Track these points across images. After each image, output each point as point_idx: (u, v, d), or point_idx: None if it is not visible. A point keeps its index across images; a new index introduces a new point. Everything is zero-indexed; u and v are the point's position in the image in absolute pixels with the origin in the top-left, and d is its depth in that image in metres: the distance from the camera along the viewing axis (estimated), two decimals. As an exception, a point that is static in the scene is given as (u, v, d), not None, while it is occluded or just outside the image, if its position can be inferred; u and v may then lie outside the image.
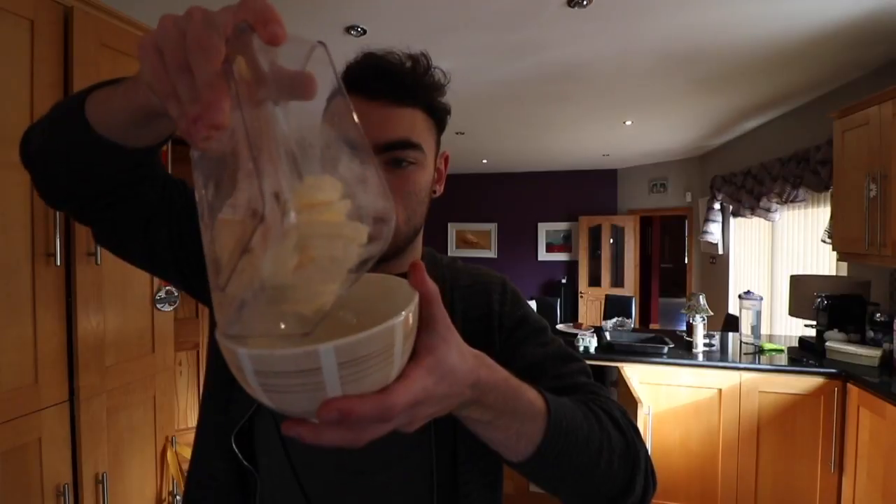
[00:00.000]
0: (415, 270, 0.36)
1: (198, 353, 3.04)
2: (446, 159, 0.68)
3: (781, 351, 2.51)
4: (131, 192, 0.55)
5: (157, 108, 0.37)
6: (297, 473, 0.59)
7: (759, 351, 2.51)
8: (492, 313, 0.65)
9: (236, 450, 0.58)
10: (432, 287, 0.36)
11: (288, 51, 0.32)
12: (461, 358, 0.37)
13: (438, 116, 0.63)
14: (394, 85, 0.55)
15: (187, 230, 0.59)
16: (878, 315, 2.34)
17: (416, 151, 0.57)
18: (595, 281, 6.75)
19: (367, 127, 0.53)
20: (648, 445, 2.39)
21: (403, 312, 0.32)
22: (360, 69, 0.57)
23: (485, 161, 6.29)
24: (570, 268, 7.02)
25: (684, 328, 2.80)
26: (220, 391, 0.62)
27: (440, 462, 0.59)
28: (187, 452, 1.99)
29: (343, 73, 0.57)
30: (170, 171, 1.70)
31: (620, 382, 2.34)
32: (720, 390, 2.33)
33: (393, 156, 0.56)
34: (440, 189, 0.67)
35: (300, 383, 0.30)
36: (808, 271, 3.53)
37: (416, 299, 0.35)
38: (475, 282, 0.68)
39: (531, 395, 0.43)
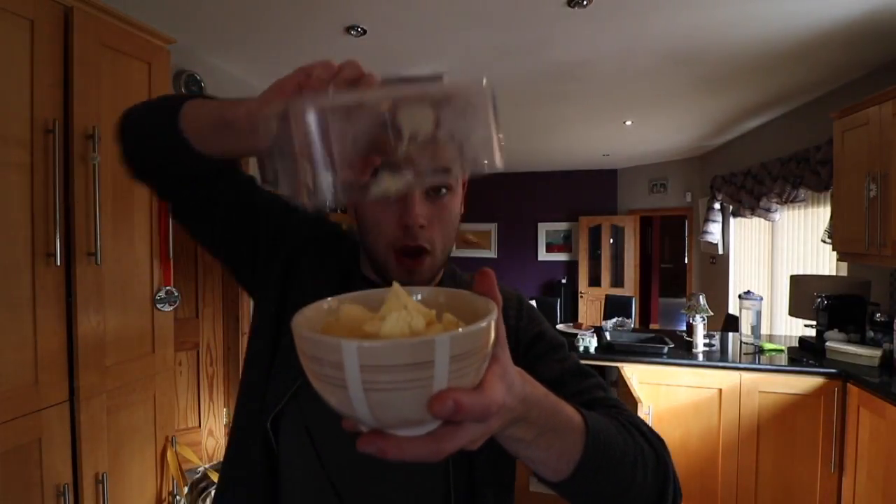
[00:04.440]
0: (485, 278, 0.36)
1: (198, 353, 3.04)
2: (465, 184, 0.71)
3: (781, 351, 2.51)
4: (206, 184, 0.63)
5: (244, 132, 0.47)
6: (322, 461, 0.61)
7: (759, 351, 2.51)
8: (508, 329, 0.65)
9: (270, 432, 0.62)
10: (499, 296, 0.36)
11: None
12: (514, 371, 0.37)
13: None
14: None
15: (247, 220, 0.67)
16: (878, 315, 2.34)
17: (451, 178, 0.61)
18: (595, 281, 6.75)
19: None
20: (648, 445, 2.39)
21: (495, 312, 0.32)
22: None
23: (485, 161, 6.28)
24: (570, 268, 7.02)
25: (684, 328, 2.80)
26: (258, 382, 0.67)
27: (457, 469, 0.61)
28: (187, 452, 2.00)
29: None
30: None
31: (620, 382, 2.33)
32: (720, 390, 2.33)
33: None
34: (463, 209, 0.70)
35: (409, 379, 0.29)
36: (808, 271, 3.53)
37: (497, 305, 0.34)
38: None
39: (569, 411, 0.43)
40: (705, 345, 2.56)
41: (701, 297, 2.58)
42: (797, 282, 2.79)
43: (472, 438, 0.32)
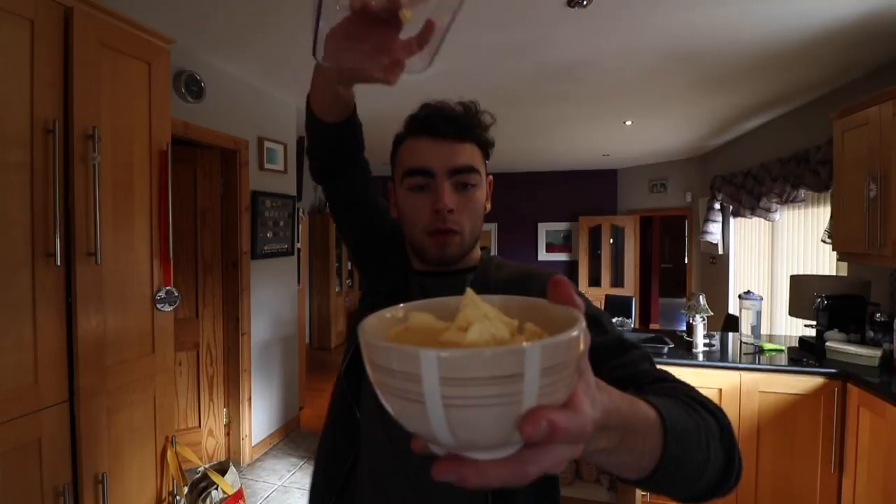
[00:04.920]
0: (560, 287, 0.34)
1: (198, 353, 3.04)
2: (491, 182, 0.82)
3: (781, 351, 2.51)
4: (346, 172, 0.85)
5: (334, 85, 0.66)
6: (389, 435, 0.72)
7: (759, 351, 2.51)
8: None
9: (346, 385, 0.78)
10: (580, 302, 0.33)
11: None
12: (594, 381, 0.34)
13: (487, 149, 0.79)
14: (457, 126, 0.72)
15: (372, 217, 0.90)
16: (878, 315, 2.34)
17: (476, 175, 0.74)
18: (595, 281, 6.75)
19: (438, 158, 0.71)
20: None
21: (582, 321, 0.29)
22: (427, 116, 0.74)
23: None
24: (570, 268, 7.02)
25: (684, 328, 2.80)
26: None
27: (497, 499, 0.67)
28: (187, 452, 1.99)
29: (409, 121, 0.77)
30: (169, 172, 1.70)
31: (620, 382, 2.33)
32: (720, 390, 2.33)
33: (460, 179, 0.72)
34: (489, 206, 0.80)
35: (495, 394, 0.25)
36: (808, 271, 3.53)
37: (581, 314, 0.31)
38: (524, 273, 0.77)
39: (644, 409, 0.41)
40: (705, 345, 2.56)
41: (701, 297, 2.58)
42: (797, 282, 2.79)
43: (559, 461, 0.29)
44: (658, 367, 0.61)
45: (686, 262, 7.19)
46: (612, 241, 6.70)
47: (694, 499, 0.48)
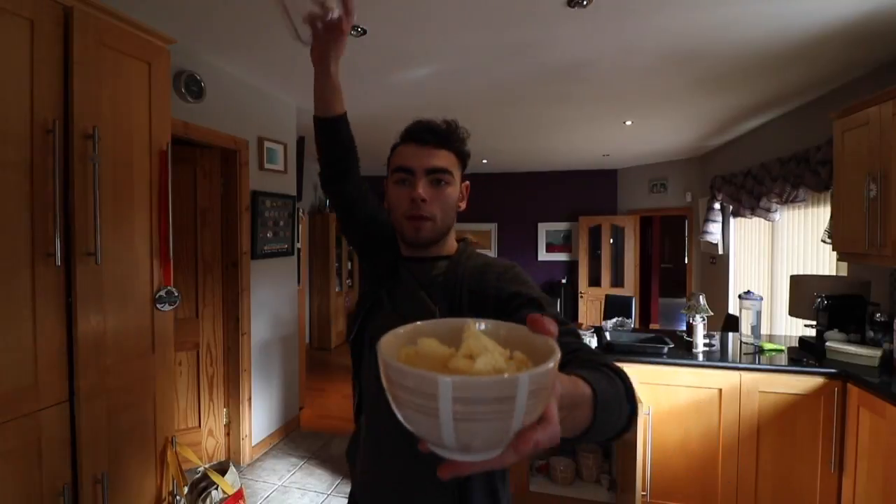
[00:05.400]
0: (537, 323, 0.43)
1: (198, 353, 3.04)
2: (468, 187, 0.99)
3: (781, 351, 2.51)
4: (344, 177, 1.04)
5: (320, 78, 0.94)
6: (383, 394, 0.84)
7: (759, 351, 2.51)
8: (488, 287, 0.86)
9: (350, 347, 1.00)
10: (555, 332, 0.43)
11: None
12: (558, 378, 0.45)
13: (462, 158, 0.96)
14: (436, 136, 0.90)
15: (372, 213, 1.08)
16: (878, 315, 2.34)
17: (448, 175, 0.91)
18: (595, 281, 6.75)
19: (421, 159, 0.88)
20: (648, 446, 2.39)
21: (558, 353, 0.38)
22: (417, 127, 0.91)
23: (485, 161, 6.28)
24: (570, 268, 7.02)
25: (684, 328, 2.80)
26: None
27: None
28: (187, 452, 1.99)
29: (404, 131, 0.93)
30: (169, 172, 1.70)
31: (620, 382, 2.33)
32: (720, 390, 2.33)
33: (436, 177, 0.89)
34: (463, 206, 0.97)
35: (494, 411, 0.34)
36: (808, 271, 3.53)
37: (556, 345, 0.40)
38: (484, 263, 0.92)
39: (581, 385, 0.53)
40: (705, 345, 2.56)
41: (701, 297, 2.58)
42: (797, 282, 2.79)
43: (535, 452, 0.40)
44: (581, 342, 0.75)
45: (686, 262, 7.18)
46: (612, 241, 6.70)
47: (603, 442, 0.65)
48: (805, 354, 2.44)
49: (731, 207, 4.61)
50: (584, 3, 2.02)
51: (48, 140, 1.30)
